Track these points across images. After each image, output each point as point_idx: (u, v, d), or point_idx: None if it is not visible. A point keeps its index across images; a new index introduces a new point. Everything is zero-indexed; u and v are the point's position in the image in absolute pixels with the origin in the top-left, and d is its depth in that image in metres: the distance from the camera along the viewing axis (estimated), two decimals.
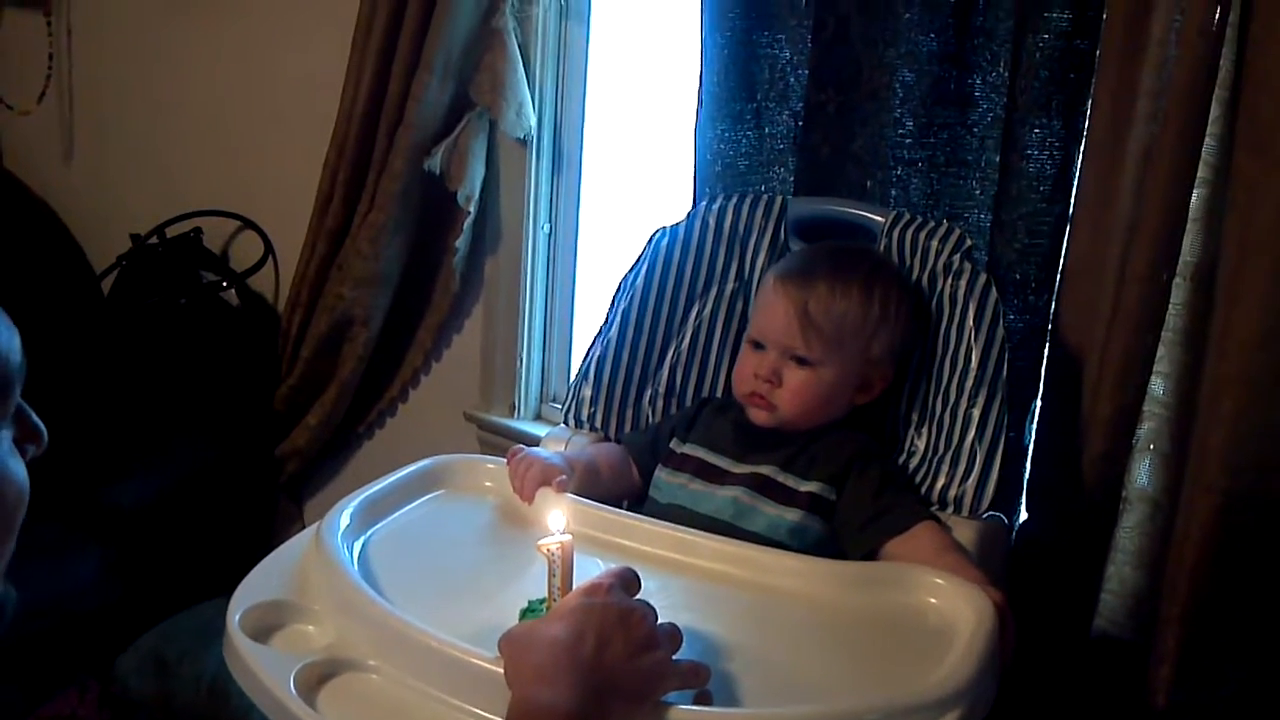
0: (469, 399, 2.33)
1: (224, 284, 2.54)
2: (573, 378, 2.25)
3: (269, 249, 2.55)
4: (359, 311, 2.31)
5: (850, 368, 1.44)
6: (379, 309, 2.32)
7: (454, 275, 2.24)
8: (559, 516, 1.16)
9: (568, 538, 1.11)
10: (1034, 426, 1.65)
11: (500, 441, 2.28)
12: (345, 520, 1.31)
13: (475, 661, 1.09)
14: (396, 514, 1.38)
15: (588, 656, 0.99)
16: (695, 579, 1.29)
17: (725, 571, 1.29)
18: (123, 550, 2.33)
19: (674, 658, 1.06)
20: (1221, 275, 1.44)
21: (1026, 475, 1.65)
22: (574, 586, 1.09)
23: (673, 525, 1.35)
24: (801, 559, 1.31)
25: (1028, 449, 1.64)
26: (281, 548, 1.29)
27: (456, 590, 1.26)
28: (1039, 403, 1.64)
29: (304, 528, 2.58)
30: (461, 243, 2.20)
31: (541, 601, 1.14)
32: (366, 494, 1.37)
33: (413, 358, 2.38)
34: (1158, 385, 1.55)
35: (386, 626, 1.15)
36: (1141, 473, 1.59)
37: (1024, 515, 1.67)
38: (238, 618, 1.17)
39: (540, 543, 1.11)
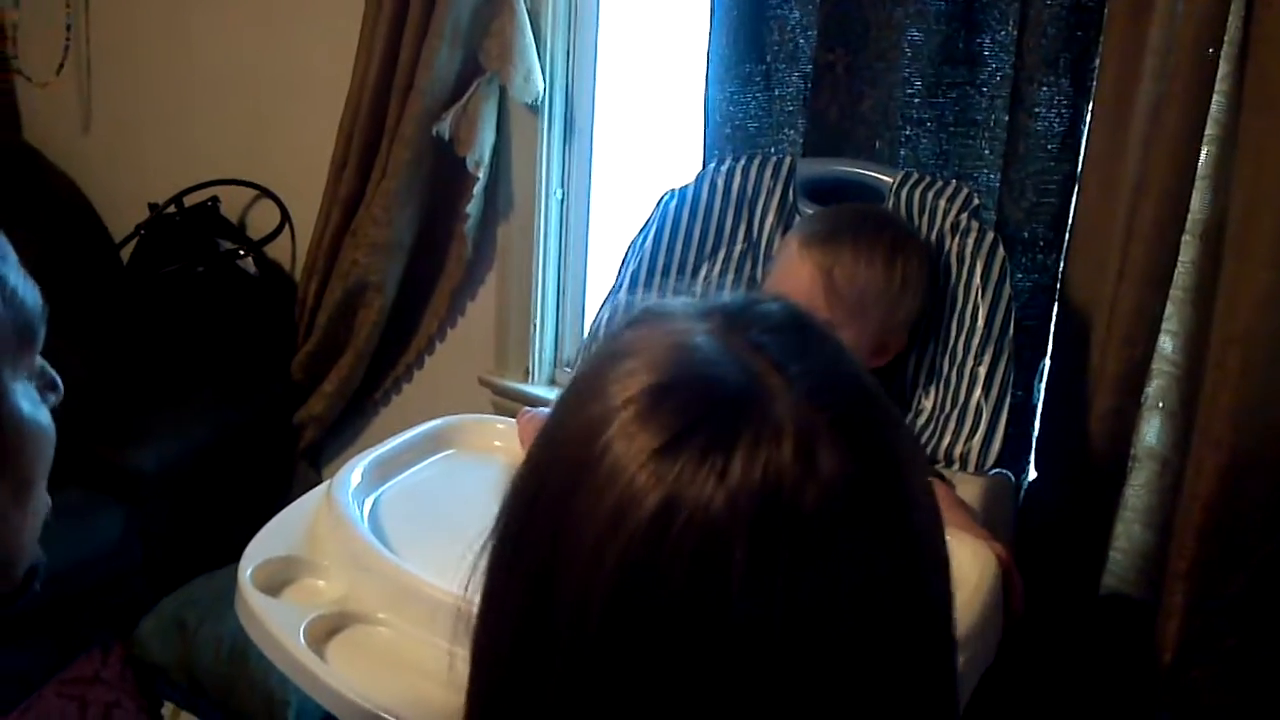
0: (484, 364, 2.35)
1: (241, 252, 2.55)
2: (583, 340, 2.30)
3: (285, 217, 2.56)
4: (374, 278, 2.32)
5: (869, 334, 1.45)
6: (393, 276, 2.33)
7: (467, 242, 2.25)
8: None
9: None
10: (1042, 385, 1.65)
11: (514, 406, 2.29)
12: (356, 478, 1.33)
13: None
14: (407, 473, 1.40)
15: None
16: None
17: None
18: (144, 514, 2.37)
19: None
20: (1229, 233, 1.44)
21: (1035, 434, 1.66)
22: None
23: None
24: None
25: (1036, 408, 1.64)
26: (293, 504, 1.31)
27: (465, 545, 1.27)
28: (1047, 361, 1.65)
29: None
30: (473, 209, 2.21)
31: None
32: (377, 453, 1.39)
33: (428, 324, 2.39)
34: (1166, 343, 1.55)
35: (395, 580, 1.16)
36: (1150, 431, 1.60)
37: (1032, 474, 1.67)
38: (250, 572, 1.19)
39: None
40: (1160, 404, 1.59)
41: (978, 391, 1.45)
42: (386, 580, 1.17)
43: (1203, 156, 1.46)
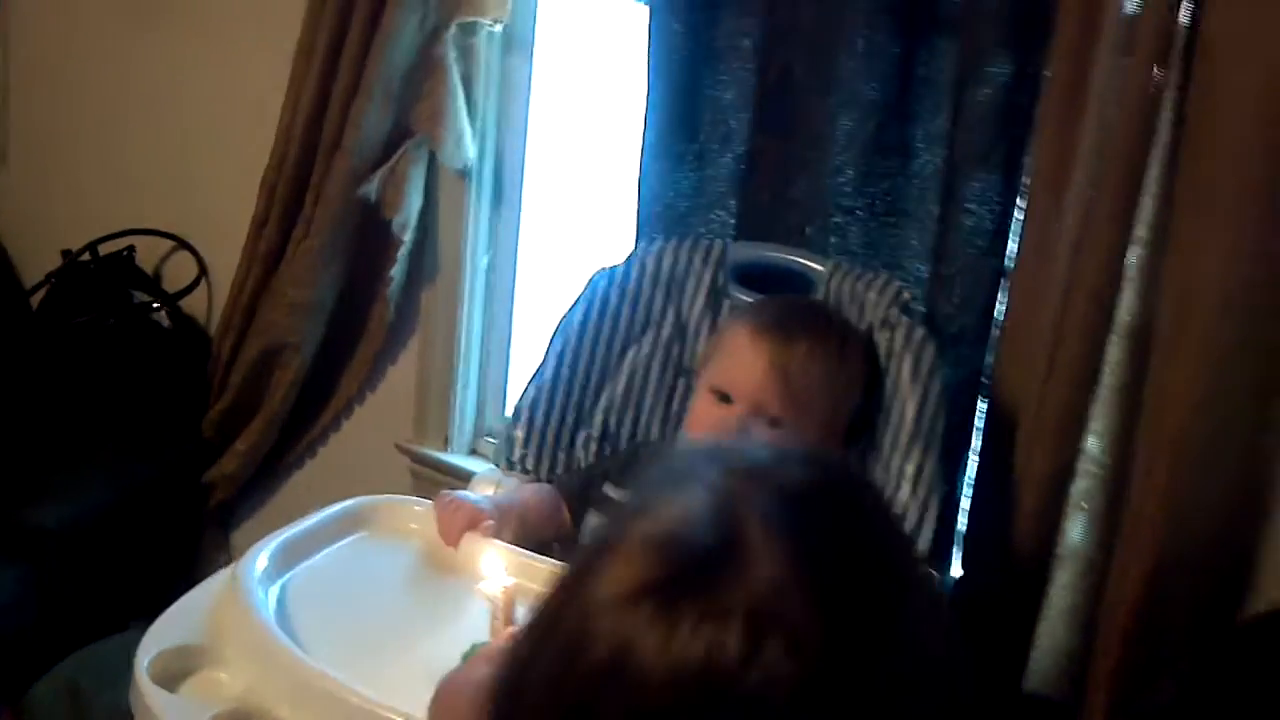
0: (402, 431, 2.30)
1: (156, 305, 2.48)
2: (507, 417, 2.26)
3: (203, 270, 2.50)
4: (292, 338, 2.27)
5: (813, 430, 1.43)
6: (313, 337, 2.28)
7: (389, 305, 2.21)
8: (496, 559, 1.14)
9: (511, 581, 1.09)
10: (966, 481, 1.64)
11: (433, 475, 2.25)
12: (263, 562, 1.28)
13: (390, 718, 1.06)
14: (317, 556, 1.35)
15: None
16: None
17: None
18: (43, 572, 2.27)
19: None
20: (1159, 335, 1.44)
21: (962, 530, 1.65)
22: None
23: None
24: None
25: (958, 502, 1.63)
26: (196, 589, 1.26)
27: (377, 639, 1.23)
28: (973, 457, 1.64)
29: (229, 558, 2.58)
30: (397, 272, 2.17)
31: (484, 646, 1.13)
32: (286, 535, 1.34)
33: (346, 387, 2.34)
34: (1092, 443, 1.54)
35: (300, 677, 1.12)
36: (1074, 530, 1.59)
37: (956, 570, 1.66)
38: (146, 663, 1.13)
39: (480, 586, 1.10)
40: (1084, 504, 1.58)
41: (905, 489, 1.43)
42: (290, 676, 1.13)
43: (1132, 259, 1.46)
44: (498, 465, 1.62)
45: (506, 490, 1.55)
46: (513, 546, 1.36)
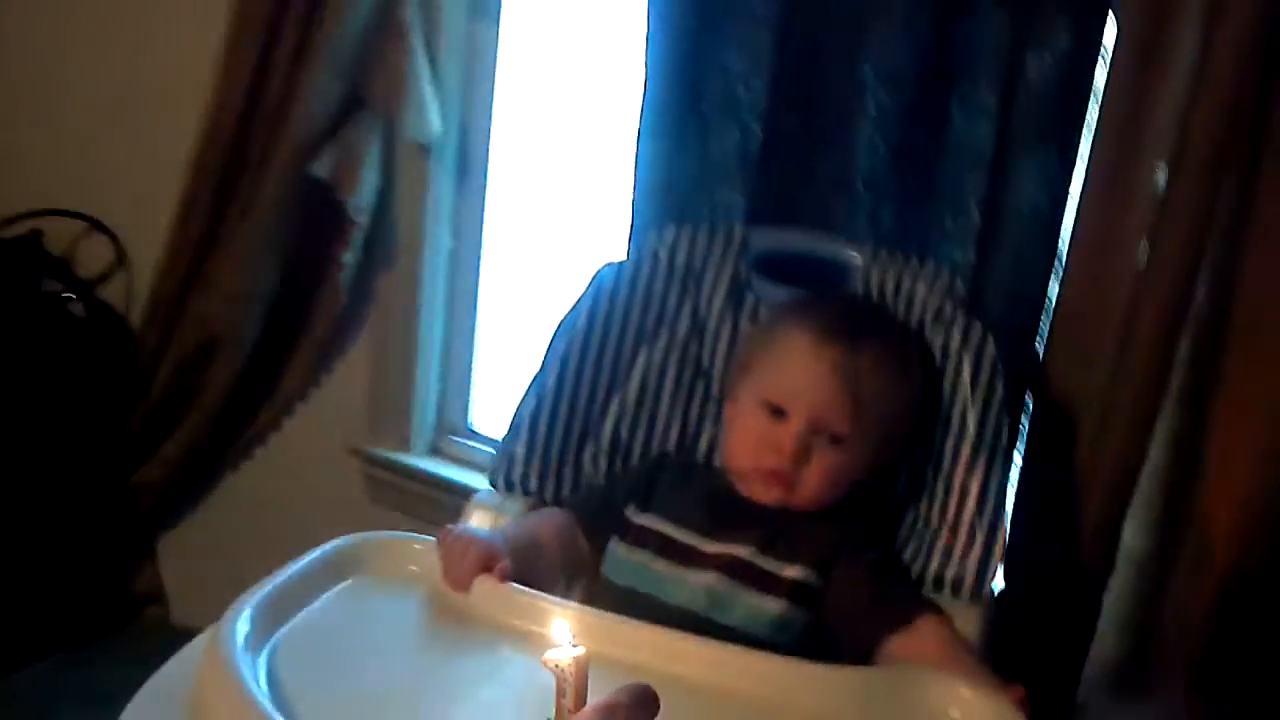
0: (354, 431, 2.09)
1: (68, 294, 2.23)
2: (472, 420, 2.06)
3: (120, 255, 2.26)
4: (228, 330, 2.05)
5: (876, 448, 1.27)
6: (251, 328, 2.06)
7: (340, 292, 1.99)
8: (564, 626, 0.96)
9: (580, 650, 0.91)
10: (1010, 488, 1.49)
11: (390, 479, 2.05)
12: (244, 626, 1.07)
13: None
14: (304, 611, 1.14)
15: None
16: (679, 692, 1.08)
17: (716, 682, 1.07)
18: None
19: None
20: (1234, 329, 1.31)
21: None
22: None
23: (646, 625, 1.14)
24: (805, 667, 1.11)
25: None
26: (165, 669, 1.04)
27: (391, 714, 1.03)
28: (1018, 460, 1.49)
29: (155, 570, 2.35)
30: (350, 257, 1.96)
31: None
32: (267, 589, 1.12)
33: (289, 383, 2.12)
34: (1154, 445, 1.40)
35: None
36: (1126, 531, 1.45)
37: (999, 584, 1.51)
38: None
39: (547, 656, 0.92)
40: (1140, 510, 1.44)
41: (970, 507, 1.27)
42: None
43: None
44: (494, 485, 1.42)
45: (514, 519, 1.36)
46: (542, 594, 1.17)
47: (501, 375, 2.05)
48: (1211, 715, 1.39)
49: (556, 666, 0.93)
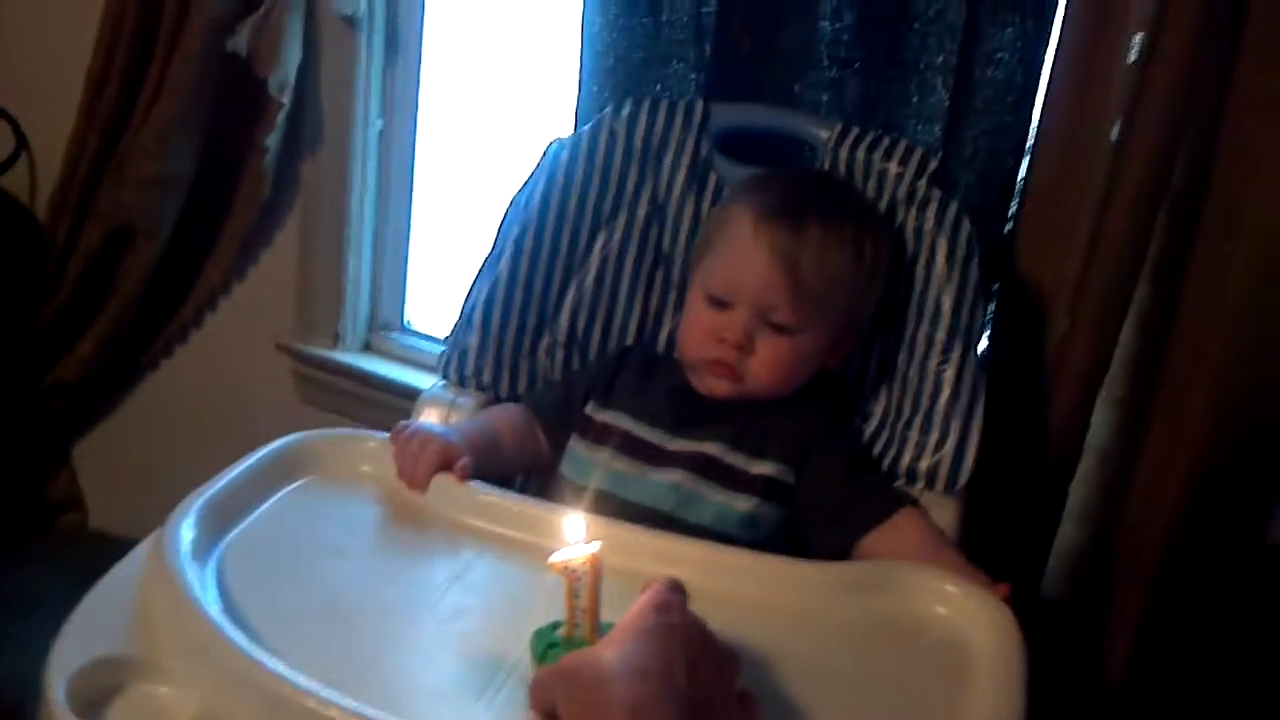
0: (281, 326, 1.99)
1: None
2: (408, 314, 1.97)
3: (21, 141, 2.11)
4: (143, 220, 1.93)
5: (831, 332, 1.20)
6: (168, 217, 1.94)
7: (264, 178, 1.88)
8: (578, 522, 0.90)
9: (596, 546, 0.86)
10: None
11: (321, 377, 1.96)
12: (189, 532, 0.99)
13: None
14: (253, 515, 1.07)
15: (683, 687, 0.78)
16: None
17: (696, 581, 1.00)
18: None
19: None
20: (1214, 204, 1.26)
21: None
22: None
23: (619, 523, 1.08)
24: (787, 562, 1.07)
25: None
26: (107, 577, 0.96)
27: (351, 623, 0.97)
28: (984, 346, 1.44)
29: (72, 475, 2.24)
30: (273, 140, 1.84)
31: (556, 628, 0.90)
32: (211, 492, 1.05)
33: (209, 276, 2.01)
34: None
35: (271, 690, 0.85)
36: (1095, 422, 1.42)
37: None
38: (62, 689, 0.85)
39: (556, 559, 0.86)
40: (1104, 390, 1.41)
41: (944, 395, 1.22)
42: (261, 690, 0.86)
43: None
44: (446, 379, 1.34)
45: (469, 415, 1.28)
46: (506, 492, 1.11)
47: (440, 267, 1.95)
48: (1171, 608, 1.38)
49: (567, 569, 0.87)
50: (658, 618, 0.83)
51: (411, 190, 1.89)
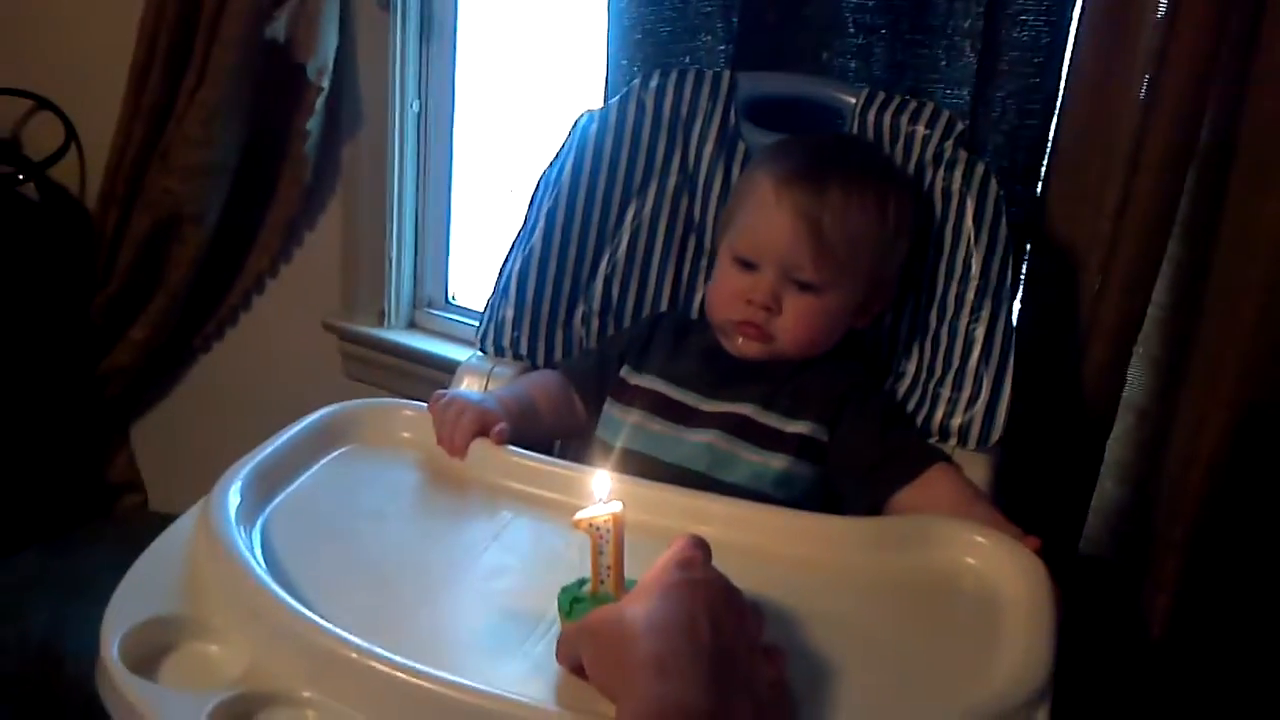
0: (327, 306, 2.03)
1: (19, 176, 2.14)
2: (452, 291, 2.00)
3: (71, 134, 2.16)
4: (190, 207, 1.97)
5: (857, 290, 1.22)
6: (214, 204, 1.98)
7: (305, 163, 1.92)
8: (604, 479, 0.92)
9: (619, 507, 0.88)
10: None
11: (367, 355, 2.00)
12: (235, 498, 1.03)
13: (441, 690, 0.84)
14: (297, 482, 1.10)
15: (707, 641, 0.79)
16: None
17: (728, 538, 1.02)
18: None
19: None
20: (1244, 160, 1.26)
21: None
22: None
23: (651, 482, 1.10)
24: (816, 518, 1.08)
25: None
26: (156, 543, 1.00)
27: (393, 584, 1.00)
28: (1017, 304, 1.45)
29: (131, 456, 2.30)
30: (313, 125, 1.88)
31: (583, 584, 0.92)
32: (255, 461, 1.08)
33: (256, 260, 2.05)
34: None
35: (318, 645, 0.88)
36: (1130, 379, 1.42)
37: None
38: (116, 647, 0.88)
39: (579, 517, 0.88)
40: (1140, 349, 1.41)
41: (975, 353, 1.23)
42: (305, 645, 0.89)
43: None
44: (483, 350, 1.37)
45: (507, 383, 1.31)
46: (542, 456, 1.14)
47: (481, 243, 1.98)
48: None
49: (592, 526, 0.90)
50: (680, 573, 0.85)
51: (451, 169, 1.92)
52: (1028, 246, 1.42)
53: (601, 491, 0.91)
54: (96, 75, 2.03)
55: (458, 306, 2.01)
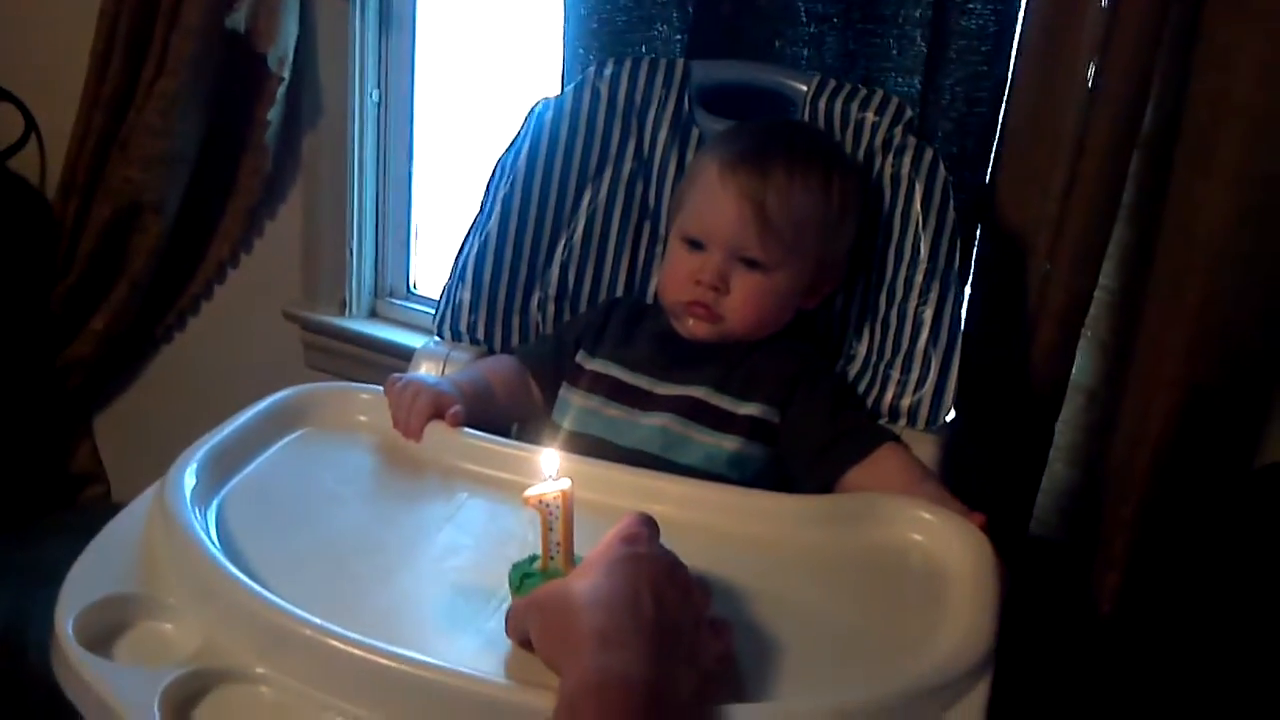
0: (288, 296, 2.03)
1: None
2: (413, 280, 2.01)
3: (30, 123, 2.16)
4: (150, 196, 1.97)
5: (805, 271, 1.24)
6: (174, 193, 1.98)
7: (266, 152, 1.92)
8: (552, 457, 0.94)
9: (567, 484, 0.89)
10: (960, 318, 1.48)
11: (329, 344, 2.00)
12: (190, 479, 1.04)
13: (394, 665, 0.85)
14: (253, 464, 1.12)
15: (650, 615, 0.81)
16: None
17: (678, 516, 1.04)
18: None
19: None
20: (1185, 147, 1.29)
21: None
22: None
23: (603, 462, 1.12)
24: (767, 496, 1.10)
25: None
26: (113, 522, 1.01)
27: (347, 562, 1.01)
28: (967, 290, 1.47)
29: (94, 446, 2.29)
30: (274, 114, 1.88)
31: (533, 560, 0.93)
32: (211, 443, 1.10)
33: (217, 249, 2.05)
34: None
35: (271, 622, 0.89)
36: (1078, 361, 1.45)
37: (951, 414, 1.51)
38: (70, 624, 0.89)
39: (529, 494, 0.90)
40: (1088, 333, 1.44)
41: (924, 335, 1.26)
42: (258, 622, 0.90)
43: None
44: (440, 335, 1.38)
45: (463, 367, 1.32)
46: (497, 438, 1.15)
47: (443, 233, 1.99)
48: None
49: (541, 502, 0.91)
50: (625, 549, 0.86)
51: (411, 158, 1.93)
52: (977, 231, 1.44)
53: (550, 469, 0.93)
54: (56, 65, 2.03)
55: (419, 296, 2.02)
